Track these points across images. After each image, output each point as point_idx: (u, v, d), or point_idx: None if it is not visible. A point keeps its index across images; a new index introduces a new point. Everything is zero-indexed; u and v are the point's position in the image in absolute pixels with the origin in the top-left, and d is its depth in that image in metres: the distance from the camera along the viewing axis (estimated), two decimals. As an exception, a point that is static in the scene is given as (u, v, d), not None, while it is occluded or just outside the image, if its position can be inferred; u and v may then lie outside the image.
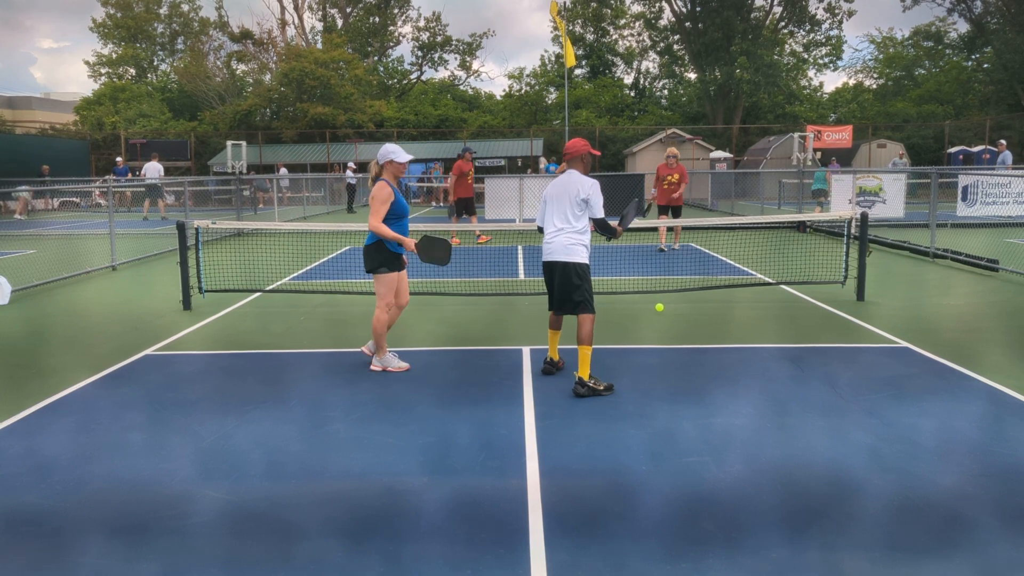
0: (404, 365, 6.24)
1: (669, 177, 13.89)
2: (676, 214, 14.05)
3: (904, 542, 3.42)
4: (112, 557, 3.36)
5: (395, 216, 6.04)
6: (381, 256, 6.05)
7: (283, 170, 30.25)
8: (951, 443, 4.59)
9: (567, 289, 5.65)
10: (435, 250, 6.07)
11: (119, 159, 29.81)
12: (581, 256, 5.67)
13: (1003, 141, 23.00)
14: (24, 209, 25.49)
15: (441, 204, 30.30)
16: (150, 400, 5.57)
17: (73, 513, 3.80)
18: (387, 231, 5.95)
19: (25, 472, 4.30)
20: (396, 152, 6.06)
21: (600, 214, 5.71)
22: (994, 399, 5.41)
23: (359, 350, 6.60)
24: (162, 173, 25.66)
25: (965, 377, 5.92)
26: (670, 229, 14.55)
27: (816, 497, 3.88)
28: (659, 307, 6.89)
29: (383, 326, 6.16)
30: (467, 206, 15.44)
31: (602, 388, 5.55)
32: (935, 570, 3.20)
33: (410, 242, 6.01)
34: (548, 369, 6.10)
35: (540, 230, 5.98)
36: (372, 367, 6.25)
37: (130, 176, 28.79)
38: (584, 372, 5.53)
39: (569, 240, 5.65)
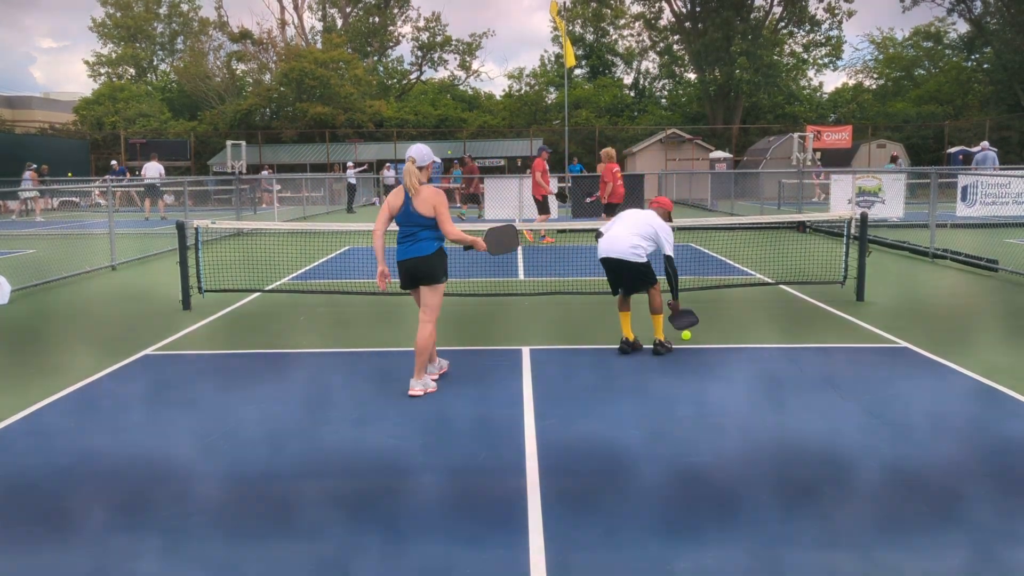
0: (434, 387, 5.71)
1: (618, 178, 14.62)
2: (608, 211, 14.73)
3: (901, 538, 3.43)
4: (115, 556, 3.37)
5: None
6: (446, 264, 5.68)
7: (264, 172, 30.21)
8: (950, 443, 4.60)
9: (638, 279, 6.59)
10: (504, 238, 5.88)
11: (114, 163, 29.77)
12: (643, 259, 6.53)
13: (986, 143, 22.77)
14: (40, 209, 25.52)
15: (458, 205, 29.99)
16: (150, 399, 5.57)
17: (76, 510, 3.80)
18: (464, 235, 5.68)
19: (30, 469, 4.30)
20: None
21: (670, 252, 6.61)
22: (993, 399, 5.42)
23: (417, 392, 5.56)
24: (162, 173, 25.62)
25: (964, 377, 5.92)
26: None
27: (816, 497, 3.88)
28: (686, 335, 6.99)
29: (434, 342, 5.78)
30: (545, 205, 15.52)
31: (671, 346, 6.69)
32: (930, 565, 3.21)
33: (480, 241, 5.76)
34: (625, 349, 6.61)
35: (597, 234, 6.86)
36: (414, 392, 5.55)
37: (129, 176, 28.73)
38: (659, 334, 6.63)
39: (634, 242, 6.47)
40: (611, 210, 14.61)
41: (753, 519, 3.64)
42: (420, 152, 5.56)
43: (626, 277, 6.62)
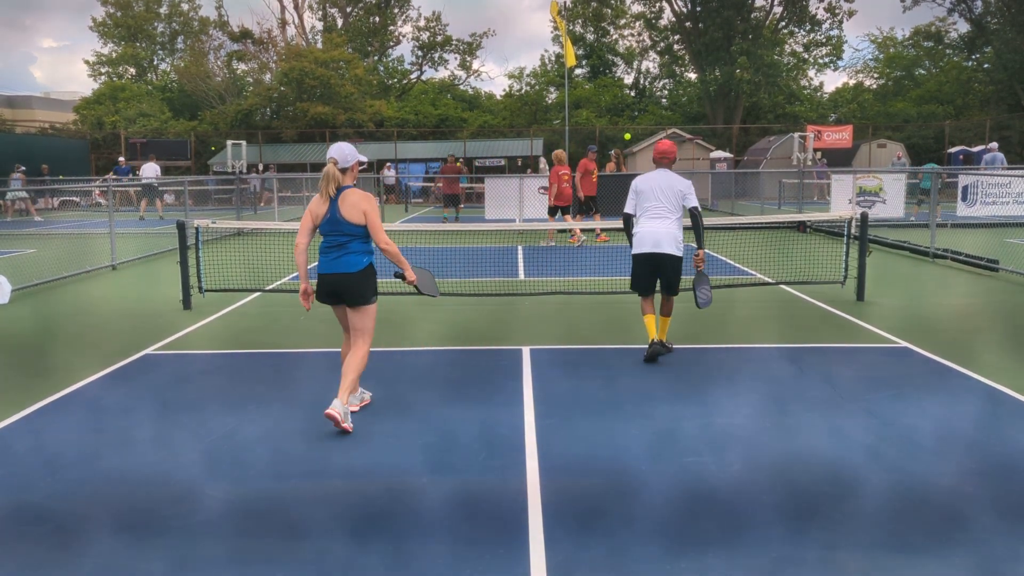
0: (359, 402, 5.26)
1: (565, 177, 15.07)
2: (567, 211, 15.34)
3: (904, 540, 3.42)
4: (117, 555, 3.37)
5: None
6: (375, 282, 5.04)
7: (253, 174, 30.26)
8: (950, 443, 4.59)
9: (674, 278, 6.46)
10: (430, 282, 5.47)
11: (121, 159, 29.69)
12: (682, 250, 6.47)
13: (994, 144, 22.96)
14: (35, 209, 25.44)
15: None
16: (151, 399, 5.57)
17: (78, 510, 3.80)
18: (399, 253, 5.01)
19: (30, 469, 4.30)
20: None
21: (696, 203, 6.44)
22: (993, 399, 5.42)
23: (343, 426, 4.75)
24: (159, 173, 25.60)
25: (965, 377, 5.92)
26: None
27: (816, 496, 3.88)
28: None
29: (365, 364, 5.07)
30: (592, 204, 15.74)
31: (672, 347, 6.56)
32: (935, 568, 3.20)
33: (410, 271, 5.13)
34: (659, 351, 6.35)
35: (626, 218, 6.59)
36: (335, 413, 4.74)
37: (136, 175, 28.64)
38: (664, 335, 6.51)
39: (676, 233, 6.39)
40: (555, 212, 15.17)
41: (756, 526, 3.64)
42: (343, 152, 4.89)
43: (667, 274, 6.42)
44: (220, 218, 16.52)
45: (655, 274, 6.45)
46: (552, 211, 15.26)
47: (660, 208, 6.40)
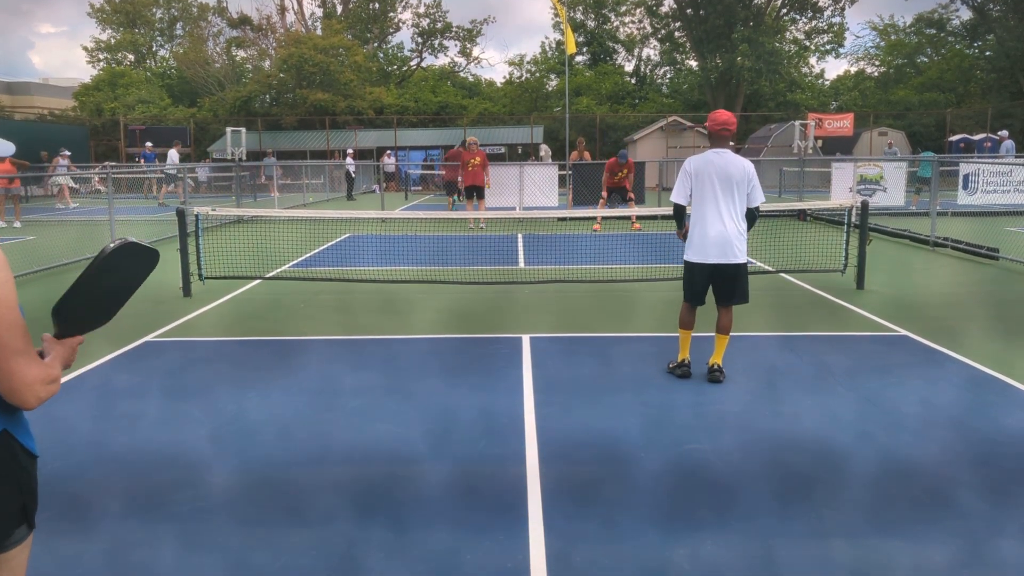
0: None
1: (472, 161, 15.93)
2: (480, 195, 16.06)
3: (899, 531, 3.45)
4: (124, 534, 3.39)
5: None
6: (30, 480, 2.00)
7: (271, 159, 30.15)
8: (948, 431, 4.62)
9: (738, 286, 5.51)
10: None
11: (149, 144, 29.51)
12: (746, 253, 5.49)
13: (1005, 132, 23.03)
14: (67, 196, 25.17)
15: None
16: (153, 385, 5.59)
17: (85, 491, 3.83)
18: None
19: (39, 450, 4.32)
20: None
21: (763, 198, 5.45)
22: (992, 388, 5.44)
23: None
24: (176, 160, 25.52)
25: (963, 365, 5.94)
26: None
27: (814, 487, 3.91)
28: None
29: None
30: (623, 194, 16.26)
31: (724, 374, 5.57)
32: (931, 559, 3.23)
33: None
34: (689, 373, 5.60)
35: (679, 209, 5.60)
36: None
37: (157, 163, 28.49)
38: (720, 358, 5.55)
39: (741, 235, 5.39)
40: (469, 192, 16.20)
41: (751, 509, 3.67)
42: None
43: (733, 284, 5.47)
44: (219, 205, 16.50)
45: (714, 283, 5.55)
46: (468, 192, 16.35)
47: (724, 200, 5.31)
